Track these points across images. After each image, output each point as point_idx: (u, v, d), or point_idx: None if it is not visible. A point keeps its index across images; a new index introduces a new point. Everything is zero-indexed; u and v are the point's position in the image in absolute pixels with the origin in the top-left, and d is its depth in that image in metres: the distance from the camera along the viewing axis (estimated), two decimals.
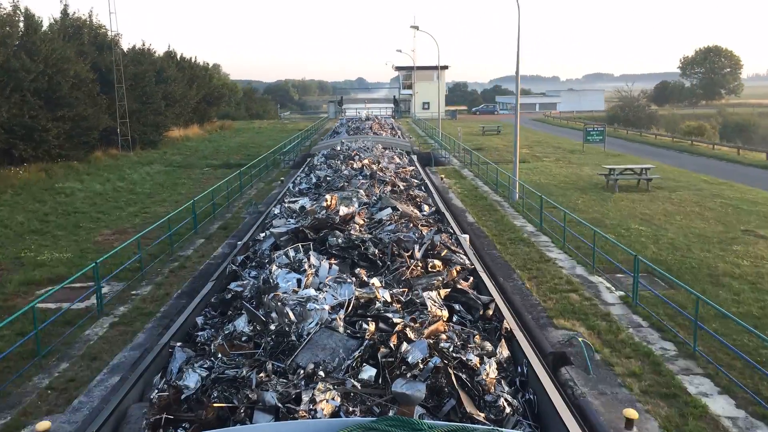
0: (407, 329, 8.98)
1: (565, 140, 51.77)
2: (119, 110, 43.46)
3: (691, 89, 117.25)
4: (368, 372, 8.11)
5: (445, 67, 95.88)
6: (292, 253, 12.44)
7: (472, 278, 12.80)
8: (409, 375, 7.97)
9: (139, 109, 46.45)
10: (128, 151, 43.60)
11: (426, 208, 20.16)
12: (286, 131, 64.32)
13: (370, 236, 13.73)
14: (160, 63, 59.12)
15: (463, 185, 26.45)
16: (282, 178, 29.26)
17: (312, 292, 10.11)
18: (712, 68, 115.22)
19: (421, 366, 8.12)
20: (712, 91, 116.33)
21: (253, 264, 13.83)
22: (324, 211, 15.69)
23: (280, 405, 7.38)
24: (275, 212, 19.09)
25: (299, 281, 10.69)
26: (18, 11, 36.30)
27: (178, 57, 69.49)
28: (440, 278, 11.79)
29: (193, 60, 73.34)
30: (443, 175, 27.32)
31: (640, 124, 71.65)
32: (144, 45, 59.34)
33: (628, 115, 75.79)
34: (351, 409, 7.38)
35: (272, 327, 9.30)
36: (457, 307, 10.88)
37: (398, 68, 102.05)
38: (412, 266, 12.26)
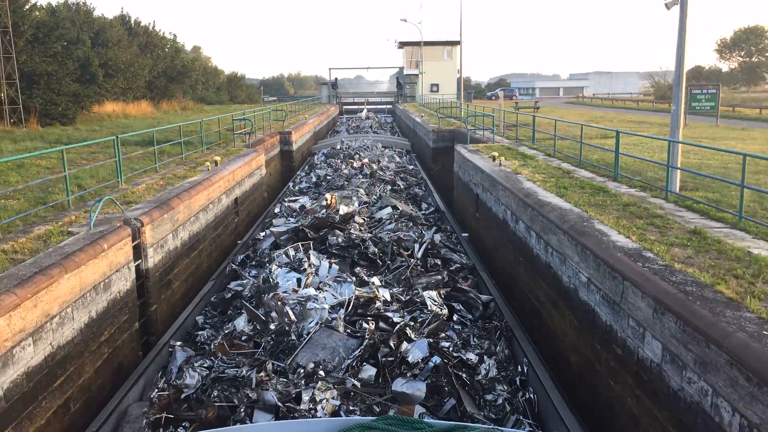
0: (407, 328, 8.99)
1: (638, 116, 36.55)
2: (4, 69, 30.38)
3: (731, 74, 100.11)
4: (368, 371, 8.12)
5: (458, 43, 71.15)
6: (292, 253, 12.43)
7: (472, 277, 12.81)
8: (409, 374, 7.97)
9: (48, 71, 33.28)
10: (19, 125, 29.85)
11: (425, 206, 20.20)
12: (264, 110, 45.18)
13: (370, 235, 13.73)
14: (102, 24, 48.21)
15: (537, 167, 15.29)
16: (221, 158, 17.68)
17: (312, 291, 10.12)
18: (756, 50, 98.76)
19: (421, 365, 8.13)
20: (755, 75, 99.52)
21: (253, 263, 13.83)
22: (324, 210, 15.68)
23: (280, 404, 7.39)
24: (275, 211, 19.09)
25: (299, 280, 10.69)
26: None
27: (132, 22, 57.30)
28: (440, 277, 11.79)
29: (150, 27, 59.04)
30: (496, 153, 16.98)
31: None
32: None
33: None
34: (351, 408, 7.39)
35: (272, 326, 9.30)
36: (457, 306, 10.88)
37: (402, 44, 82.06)
38: (412, 265, 12.26)
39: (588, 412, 7.97)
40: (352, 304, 9.82)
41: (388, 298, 10.24)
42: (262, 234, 15.92)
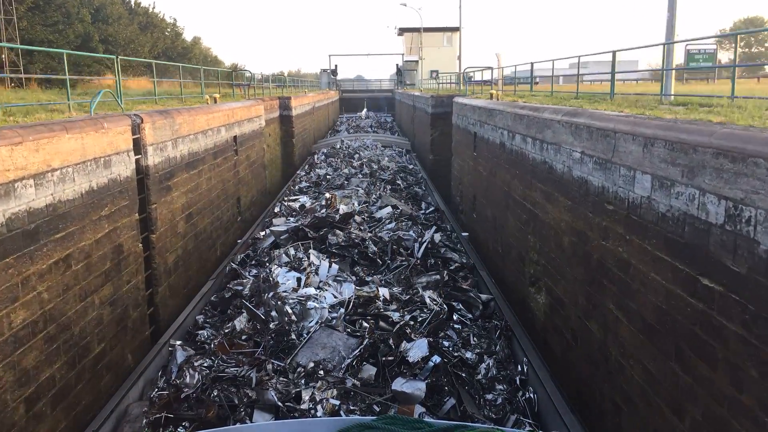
0: (407, 328, 8.99)
1: (636, 84, 35.70)
2: (5, 30, 30.98)
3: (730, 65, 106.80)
4: (368, 371, 8.11)
5: (458, 29, 70.04)
6: (292, 252, 12.43)
7: (472, 276, 12.80)
8: (409, 374, 7.97)
9: (49, 39, 33.64)
10: (20, 89, 29.87)
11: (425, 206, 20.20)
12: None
13: (370, 235, 13.73)
14: (102, 1, 48.69)
15: (534, 99, 16.14)
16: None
17: (312, 290, 10.11)
18: (756, 40, 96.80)
19: (421, 364, 8.13)
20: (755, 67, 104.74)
21: (253, 262, 13.81)
22: (324, 210, 15.68)
23: (280, 403, 7.39)
24: (275, 210, 19.09)
25: (299, 280, 10.69)
26: None
27: (132, 2, 58.05)
28: (440, 276, 11.79)
29: (150, 8, 59.69)
30: (493, 92, 18.22)
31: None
32: None
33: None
34: (351, 407, 7.39)
35: (272, 326, 9.30)
36: (457, 305, 10.87)
37: (402, 30, 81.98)
38: (411, 265, 12.26)
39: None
40: (352, 303, 9.82)
41: (388, 298, 10.24)
42: (262, 233, 15.90)
